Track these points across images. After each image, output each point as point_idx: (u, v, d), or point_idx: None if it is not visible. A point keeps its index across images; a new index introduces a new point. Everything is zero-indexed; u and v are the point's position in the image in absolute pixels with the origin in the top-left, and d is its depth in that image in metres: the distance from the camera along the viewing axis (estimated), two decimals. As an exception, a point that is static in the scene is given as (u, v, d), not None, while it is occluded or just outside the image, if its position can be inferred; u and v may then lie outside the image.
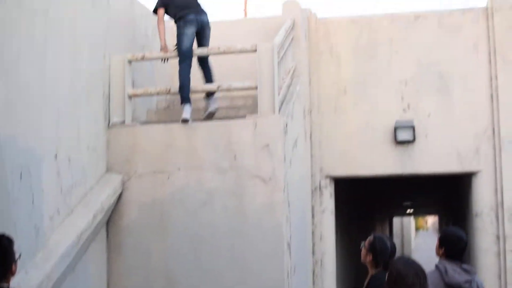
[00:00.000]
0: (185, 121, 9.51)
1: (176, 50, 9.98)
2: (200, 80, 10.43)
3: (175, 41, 9.98)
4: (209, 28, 10.22)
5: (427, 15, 12.18)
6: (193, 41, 9.93)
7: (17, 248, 6.78)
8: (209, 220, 9.10)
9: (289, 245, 9.15)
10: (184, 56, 9.78)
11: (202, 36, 10.12)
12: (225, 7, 53.01)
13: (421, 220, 63.39)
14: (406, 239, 47.71)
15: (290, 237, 9.28)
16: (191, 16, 9.96)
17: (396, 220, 45.23)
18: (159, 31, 10.15)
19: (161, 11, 10.20)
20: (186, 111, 9.60)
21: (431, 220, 61.10)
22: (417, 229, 61.74)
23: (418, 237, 61.83)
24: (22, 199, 7.18)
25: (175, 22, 10.08)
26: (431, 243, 38.87)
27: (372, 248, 6.31)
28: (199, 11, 10.09)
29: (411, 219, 52.29)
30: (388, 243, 6.33)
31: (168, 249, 9.17)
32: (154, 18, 11.12)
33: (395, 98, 12.03)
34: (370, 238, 6.39)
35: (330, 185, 12.23)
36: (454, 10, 12.14)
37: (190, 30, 9.92)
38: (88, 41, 8.85)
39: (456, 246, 6.40)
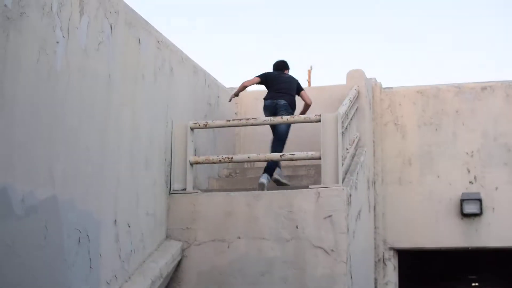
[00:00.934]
0: (261, 185, 9.85)
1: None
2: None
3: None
4: (284, 111, 10.69)
5: (494, 86, 12.05)
6: None
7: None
8: (269, 291, 8.94)
9: (350, 318, 8.93)
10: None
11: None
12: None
13: (486, 294, 62.04)
14: (471, 314, 46.63)
15: (352, 310, 9.07)
16: (268, 102, 10.82)
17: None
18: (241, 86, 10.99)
19: (256, 79, 11.01)
20: (264, 177, 9.97)
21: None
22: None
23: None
24: (79, 264, 7.13)
25: None
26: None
27: None
28: (277, 96, 10.78)
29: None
30: None
31: (226, 319, 9.02)
32: (217, 87, 11.23)
33: (461, 170, 11.88)
34: None
35: (394, 258, 12.04)
36: (522, 81, 11.97)
37: (266, 114, 10.73)
38: (150, 108, 8.86)
39: None
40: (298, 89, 11.08)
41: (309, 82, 33.45)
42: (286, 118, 10.13)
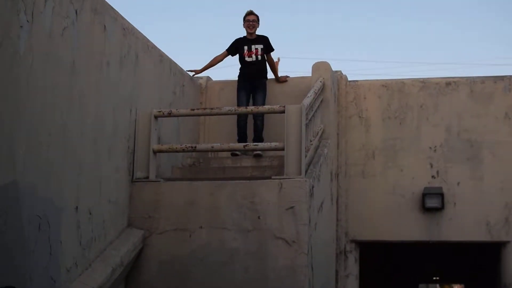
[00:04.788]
0: (234, 155, 10.91)
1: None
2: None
3: None
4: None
5: (458, 81, 12.13)
6: None
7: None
8: (230, 281, 8.94)
9: (310, 309, 8.96)
10: None
11: None
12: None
13: (447, 287, 62.44)
14: (432, 307, 47.04)
15: (313, 301, 9.10)
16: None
17: (422, 287, 44.58)
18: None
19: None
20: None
21: (457, 288, 60.22)
22: (443, 296, 60.82)
23: (444, 305, 60.86)
24: (39, 250, 7.08)
25: None
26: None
27: None
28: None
29: (437, 286, 51.55)
30: None
31: (187, 308, 9.02)
32: (183, 76, 11.22)
33: (424, 165, 11.95)
34: None
35: (355, 250, 12.09)
36: (486, 78, 12.07)
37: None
38: (114, 96, 8.82)
39: None
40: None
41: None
42: (250, 109, 10.18)
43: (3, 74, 6.52)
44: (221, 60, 11.80)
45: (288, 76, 12.26)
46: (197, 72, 11.84)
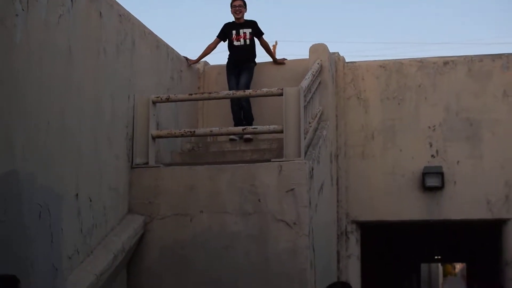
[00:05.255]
0: (232, 140, 10.99)
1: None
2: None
3: None
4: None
5: (456, 60, 12.10)
6: None
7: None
8: (231, 264, 8.97)
9: (313, 290, 8.99)
10: None
11: None
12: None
13: (449, 266, 62.63)
14: (434, 285, 47.21)
15: (315, 282, 9.12)
16: None
17: (424, 266, 44.71)
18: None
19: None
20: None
21: (460, 266, 60.36)
22: (445, 275, 60.99)
23: (446, 283, 61.03)
24: (40, 238, 7.10)
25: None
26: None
27: None
28: None
29: (439, 265, 51.73)
30: None
31: (189, 292, 9.05)
32: (180, 62, 11.21)
33: (424, 144, 11.95)
34: None
35: (356, 231, 12.12)
36: (484, 56, 12.05)
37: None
38: (112, 83, 8.81)
39: None
40: None
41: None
42: (248, 92, 10.19)
43: (-1, 63, 6.53)
44: (214, 47, 11.81)
45: (286, 59, 12.24)
46: (192, 62, 11.89)
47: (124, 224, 8.99)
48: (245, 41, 11.64)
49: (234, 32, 11.68)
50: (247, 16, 11.76)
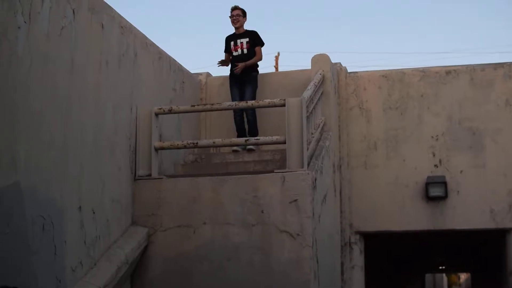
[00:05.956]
0: (235, 151, 11.04)
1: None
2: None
3: None
4: None
5: (458, 70, 12.11)
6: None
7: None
8: (235, 276, 8.94)
9: (317, 302, 8.96)
10: None
11: None
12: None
13: (454, 276, 62.44)
14: (439, 296, 47.09)
15: (318, 293, 9.10)
16: None
17: (429, 277, 44.63)
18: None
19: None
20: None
21: (464, 277, 60.22)
22: (450, 285, 60.84)
23: (450, 293, 60.91)
24: (43, 251, 7.09)
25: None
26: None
27: None
28: None
29: (444, 275, 51.63)
30: None
31: (193, 304, 9.02)
32: (182, 73, 11.23)
33: (427, 154, 11.95)
34: None
35: (360, 241, 12.09)
36: (486, 65, 12.05)
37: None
38: (114, 94, 8.82)
39: None
40: None
41: (276, 68, 33.52)
42: (250, 103, 10.20)
43: (1, 76, 6.53)
44: (229, 62, 11.80)
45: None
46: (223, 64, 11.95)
47: (127, 236, 8.97)
48: (242, 51, 11.64)
49: (232, 43, 11.72)
50: (248, 26, 11.78)
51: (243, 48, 11.64)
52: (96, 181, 8.30)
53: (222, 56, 11.90)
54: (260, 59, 11.77)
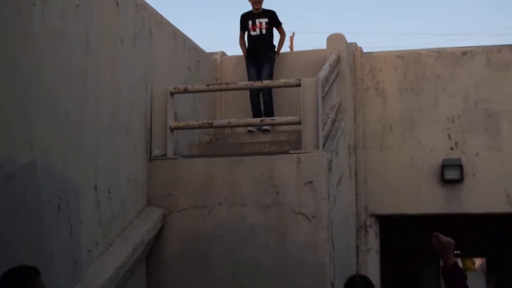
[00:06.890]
0: (250, 131, 10.93)
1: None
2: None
3: None
4: None
5: (474, 50, 11.97)
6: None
7: (54, 280, 6.72)
8: (250, 257, 8.90)
9: (332, 284, 8.90)
10: None
11: None
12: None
13: (469, 261, 62.34)
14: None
15: (334, 276, 9.03)
16: None
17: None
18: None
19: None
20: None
21: (479, 262, 60.10)
22: (465, 271, 60.83)
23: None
24: (59, 231, 7.04)
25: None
26: (479, 284, 38.19)
27: None
28: None
29: (459, 260, 51.58)
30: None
31: (208, 285, 8.97)
32: (197, 52, 11.15)
33: (443, 136, 11.82)
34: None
35: (376, 224, 12.01)
36: (502, 46, 11.91)
37: None
38: (129, 73, 8.75)
39: None
40: None
41: (291, 48, 33.43)
42: (266, 83, 10.13)
43: (17, 53, 6.47)
44: (244, 41, 11.75)
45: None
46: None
47: (143, 216, 8.93)
48: (261, 31, 11.55)
49: (250, 22, 11.61)
50: (265, 5, 11.70)
51: (262, 28, 11.55)
52: (111, 161, 8.25)
53: (237, 35, 11.84)
54: (285, 36, 11.90)
